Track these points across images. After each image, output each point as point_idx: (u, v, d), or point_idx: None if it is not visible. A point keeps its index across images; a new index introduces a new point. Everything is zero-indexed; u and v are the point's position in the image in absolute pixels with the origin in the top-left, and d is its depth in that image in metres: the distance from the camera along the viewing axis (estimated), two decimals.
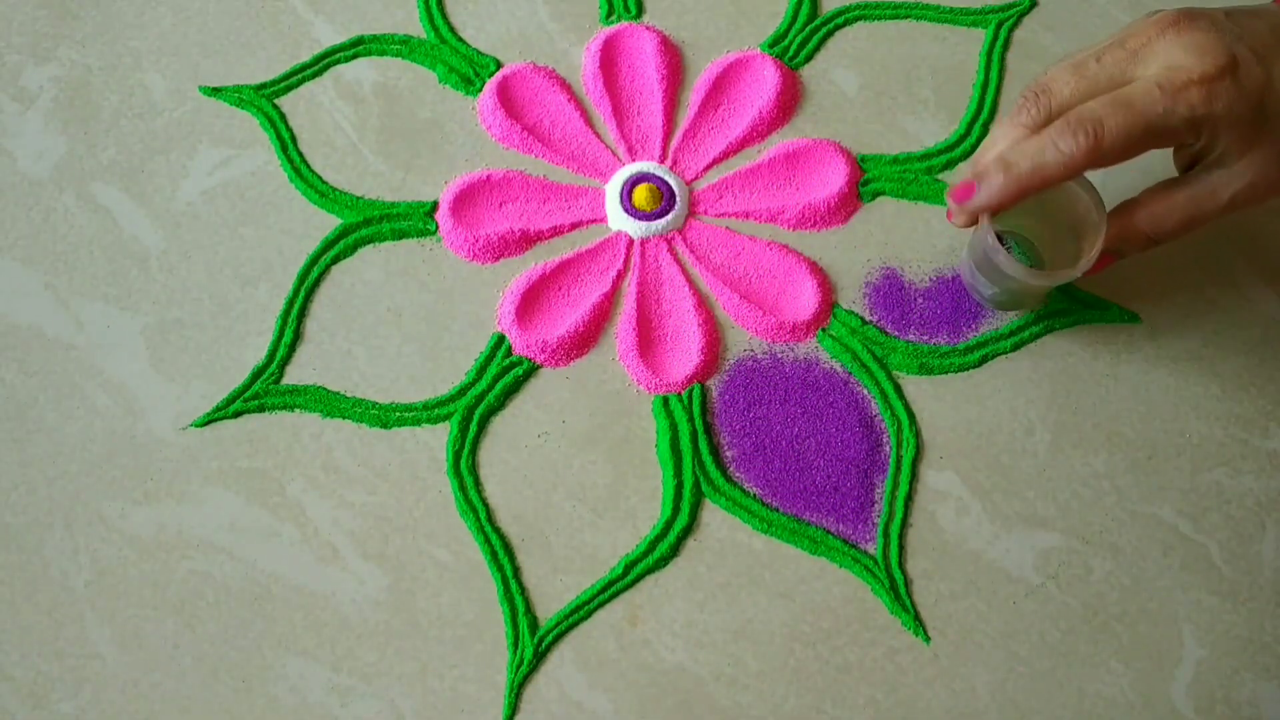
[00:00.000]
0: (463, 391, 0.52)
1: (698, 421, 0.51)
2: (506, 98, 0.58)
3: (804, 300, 0.54)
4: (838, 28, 0.61)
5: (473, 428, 0.51)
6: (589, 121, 0.58)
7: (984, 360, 0.53)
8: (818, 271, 0.55)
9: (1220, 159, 0.46)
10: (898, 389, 0.52)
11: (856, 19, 0.61)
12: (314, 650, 0.47)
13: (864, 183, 0.57)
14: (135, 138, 0.57)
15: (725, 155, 0.57)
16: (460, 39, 0.60)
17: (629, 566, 0.49)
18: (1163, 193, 0.48)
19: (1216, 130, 0.44)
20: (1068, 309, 0.54)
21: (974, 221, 0.49)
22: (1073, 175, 0.45)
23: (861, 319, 0.54)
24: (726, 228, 0.56)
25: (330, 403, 0.52)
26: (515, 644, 0.47)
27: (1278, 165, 0.45)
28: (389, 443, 0.51)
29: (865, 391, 0.52)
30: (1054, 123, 0.44)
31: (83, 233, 0.55)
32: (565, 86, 0.59)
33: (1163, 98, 0.43)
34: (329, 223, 0.55)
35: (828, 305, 0.54)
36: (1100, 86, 0.45)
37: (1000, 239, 0.49)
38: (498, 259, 0.55)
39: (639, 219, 0.55)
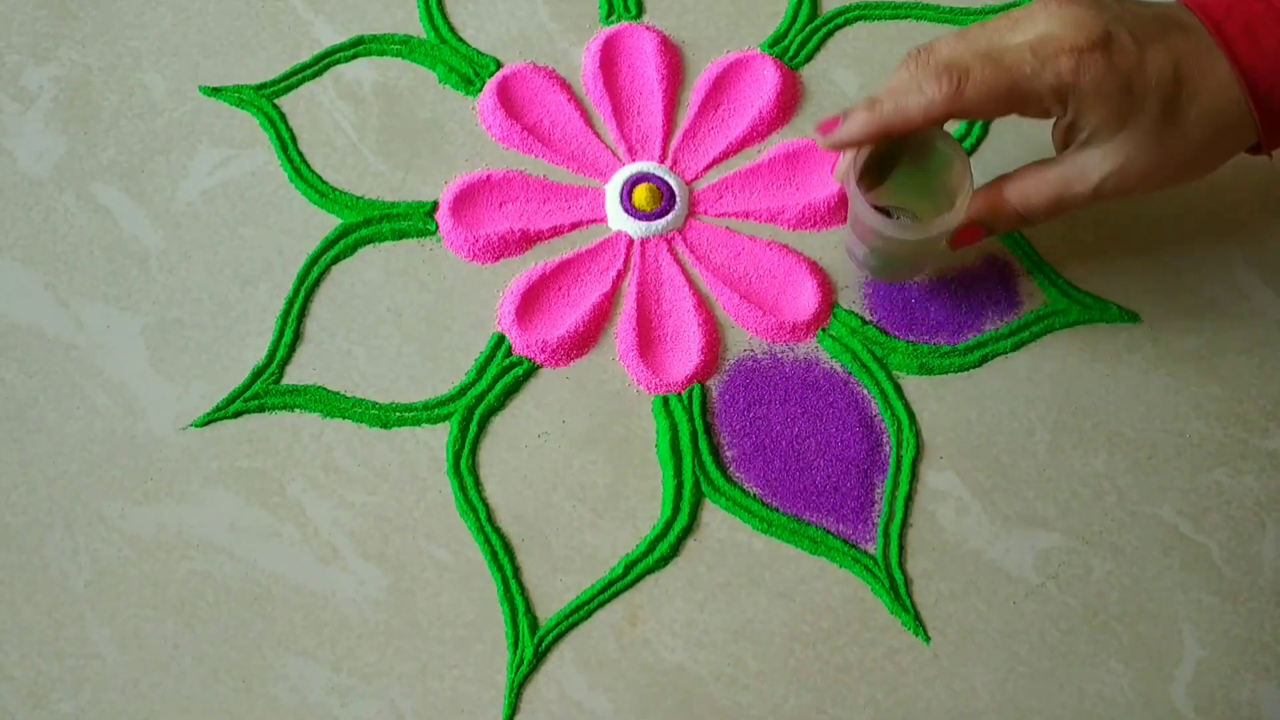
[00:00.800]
0: (463, 391, 0.52)
1: (698, 421, 0.51)
2: (506, 98, 0.58)
3: (804, 300, 0.54)
4: (838, 28, 0.61)
5: (473, 428, 0.51)
6: (589, 121, 0.58)
7: (984, 360, 0.53)
8: (818, 271, 0.55)
9: (1090, 139, 0.46)
10: (898, 389, 0.52)
11: (856, 19, 0.61)
12: (314, 650, 0.47)
13: None
14: (135, 138, 0.57)
15: (725, 155, 0.57)
16: (460, 39, 0.60)
17: (629, 566, 0.49)
18: (1034, 169, 0.48)
19: (1083, 103, 0.44)
20: (1067, 309, 0.54)
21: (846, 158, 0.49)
22: (934, 119, 0.45)
23: (861, 319, 0.54)
24: (726, 228, 0.56)
25: (330, 403, 0.52)
26: (515, 644, 0.47)
27: (1147, 153, 0.45)
28: (389, 443, 0.51)
29: (865, 391, 0.52)
30: (924, 67, 0.45)
31: (83, 233, 0.55)
32: (565, 86, 0.59)
33: (1032, 60, 0.44)
34: (329, 223, 0.55)
35: (828, 305, 0.54)
36: (980, 48, 0.45)
37: (886, 212, 0.49)
38: (498, 259, 0.55)
39: (639, 219, 0.55)
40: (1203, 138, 0.45)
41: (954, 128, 0.58)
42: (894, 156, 0.49)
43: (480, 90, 0.59)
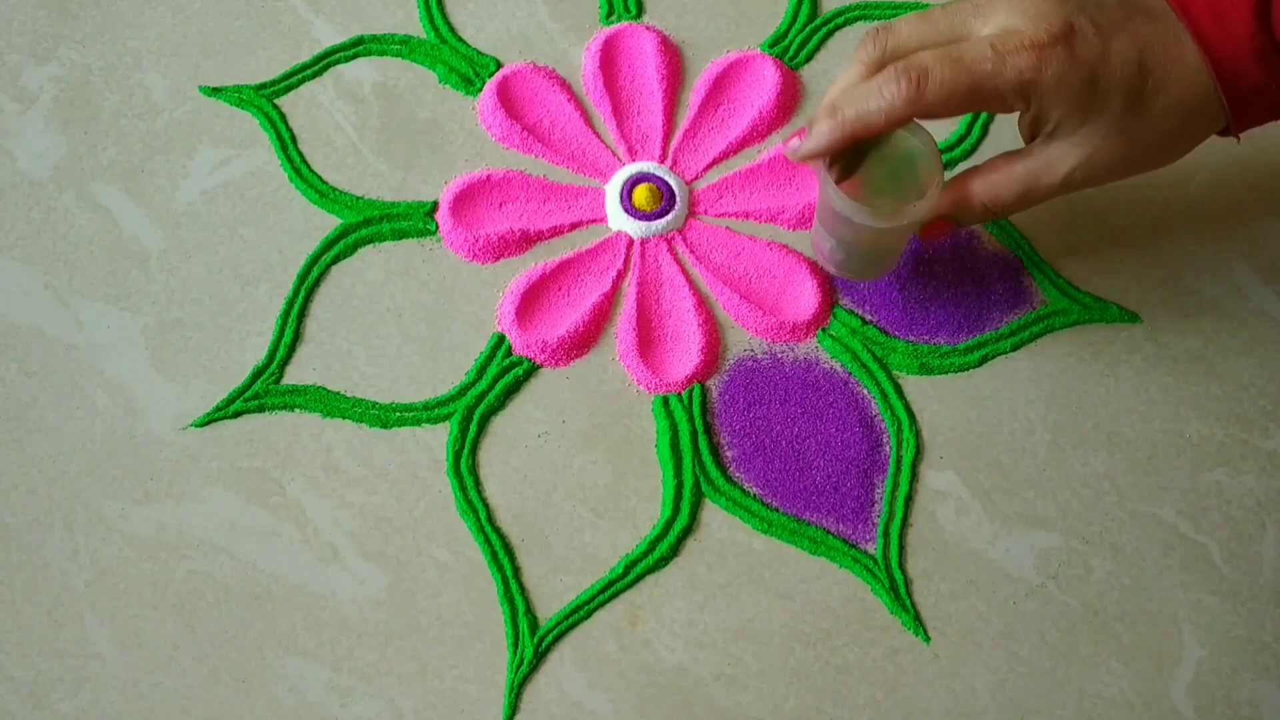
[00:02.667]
0: (463, 391, 0.52)
1: (698, 421, 0.51)
2: (506, 98, 0.58)
3: (804, 300, 0.54)
4: (838, 28, 0.61)
5: (473, 428, 0.51)
6: (589, 121, 0.58)
7: (984, 360, 0.53)
8: (818, 271, 0.55)
9: (1056, 132, 0.45)
10: (898, 389, 0.52)
11: (856, 19, 0.61)
12: (314, 650, 0.47)
13: None
14: (135, 138, 0.57)
15: (725, 155, 0.57)
16: (460, 39, 0.60)
17: (629, 566, 0.49)
18: (1001, 163, 0.48)
19: (1046, 99, 0.44)
20: (1068, 309, 0.54)
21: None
22: (896, 123, 0.45)
23: (861, 319, 0.54)
24: (726, 228, 0.56)
25: (330, 403, 0.52)
26: (515, 644, 0.47)
27: (1114, 144, 0.45)
28: (389, 443, 0.51)
29: (865, 391, 0.52)
30: (883, 70, 0.44)
31: (83, 233, 0.55)
32: (565, 86, 0.59)
33: (993, 57, 0.43)
34: (329, 223, 0.55)
35: (828, 305, 0.54)
36: (939, 32, 0.45)
37: None
38: (498, 259, 0.55)
39: (639, 219, 0.55)
40: (1171, 126, 0.45)
41: (948, 124, 0.58)
42: (862, 150, 0.48)
43: (480, 90, 0.59)
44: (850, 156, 0.47)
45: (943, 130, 0.58)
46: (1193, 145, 0.47)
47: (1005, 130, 0.57)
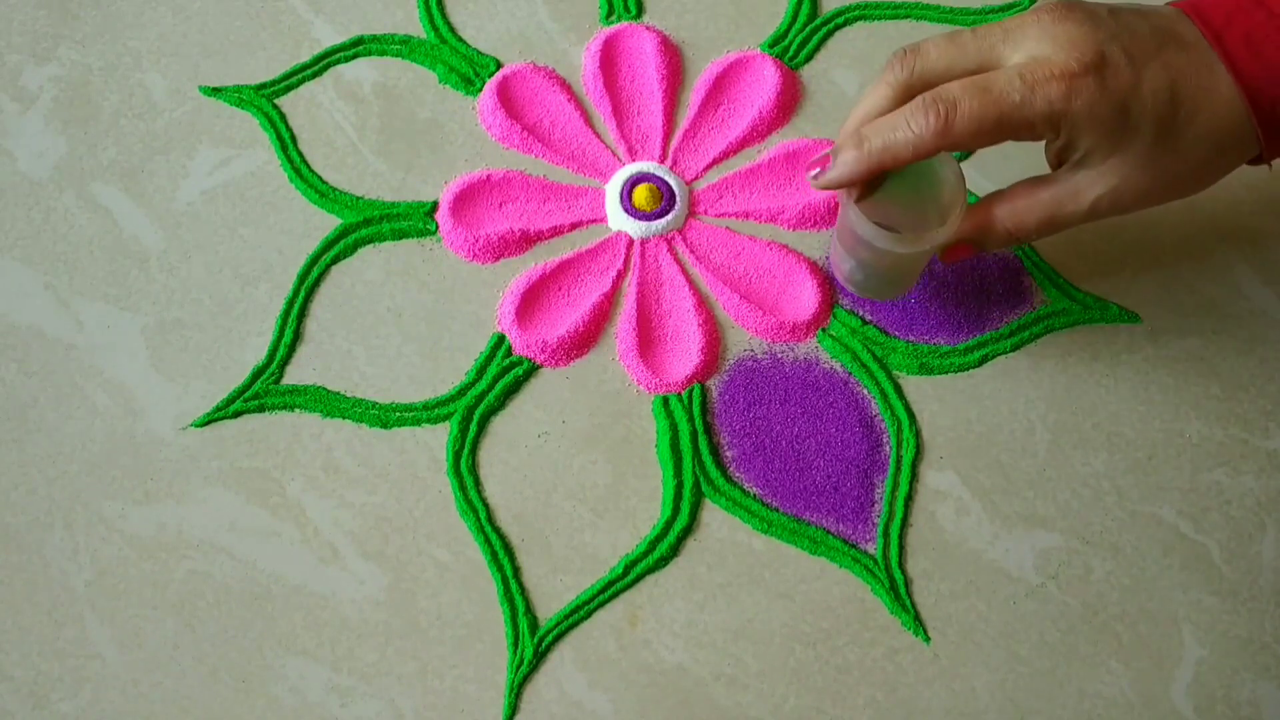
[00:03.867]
0: (463, 391, 0.52)
1: (698, 421, 0.51)
2: (506, 98, 0.58)
3: (804, 300, 0.54)
4: (838, 28, 0.61)
5: (473, 428, 0.51)
6: (589, 121, 0.58)
7: (984, 360, 0.53)
8: (818, 271, 0.55)
9: (1084, 160, 0.45)
10: (898, 389, 0.52)
11: (856, 19, 0.61)
12: (314, 650, 0.47)
13: None
14: (135, 138, 0.57)
15: (725, 155, 0.57)
16: (460, 39, 0.60)
17: (629, 566, 0.49)
18: (1026, 188, 0.47)
19: (1076, 128, 0.43)
20: (1068, 309, 0.54)
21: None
22: (922, 155, 0.44)
23: (861, 319, 0.54)
24: (726, 228, 0.56)
25: (330, 403, 0.52)
26: (515, 644, 0.47)
27: (1143, 173, 0.44)
28: (389, 443, 0.51)
29: (865, 391, 0.52)
30: (911, 101, 0.44)
31: (83, 233, 0.55)
32: (565, 86, 0.59)
33: (1022, 88, 0.42)
34: (329, 223, 0.55)
35: (828, 305, 0.54)
36: (968, 57, 0.44)
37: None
38: (498, 259, 0.55)
39: (639, 219, 0.55)
40: (1202, 156, 0.44)
41: None
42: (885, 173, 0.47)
43: (480, 90, 0.59)
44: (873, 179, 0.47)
45: None
46: (1223, 174, 0.46)
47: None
